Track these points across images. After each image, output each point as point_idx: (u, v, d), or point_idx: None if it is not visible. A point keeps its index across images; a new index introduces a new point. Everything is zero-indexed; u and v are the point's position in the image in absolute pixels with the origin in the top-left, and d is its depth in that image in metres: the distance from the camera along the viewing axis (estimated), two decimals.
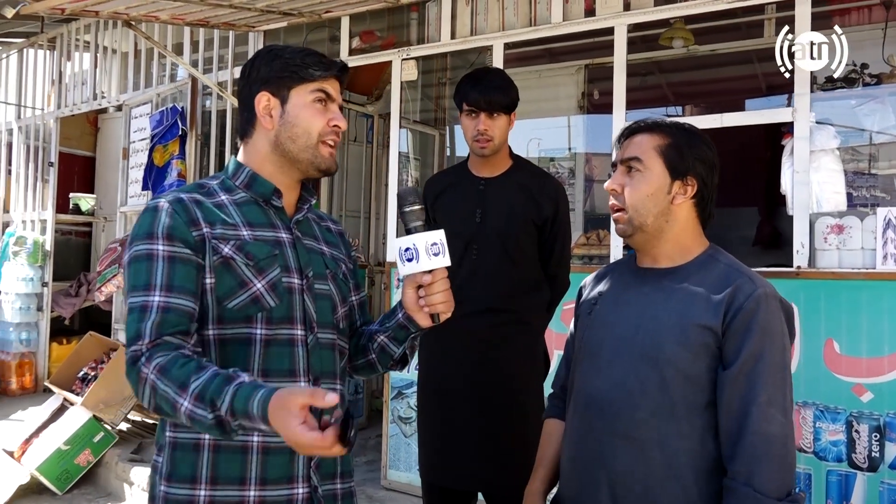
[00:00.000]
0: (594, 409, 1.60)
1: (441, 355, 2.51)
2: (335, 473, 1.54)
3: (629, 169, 1.61)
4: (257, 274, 1.44)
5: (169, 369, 1.30)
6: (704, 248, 1.64)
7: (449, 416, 2.46)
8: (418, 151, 6.47)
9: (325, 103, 1.51)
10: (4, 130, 7.44)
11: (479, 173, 2.51)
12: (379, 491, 4.15)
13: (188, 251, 1.41)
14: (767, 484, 1.42)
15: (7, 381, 6.44)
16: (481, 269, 2.43)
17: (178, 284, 1.39)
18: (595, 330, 1.67)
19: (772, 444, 1.44)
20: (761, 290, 1.51)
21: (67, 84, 6.86)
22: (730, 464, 1.47)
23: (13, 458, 4.60)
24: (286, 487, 1.45)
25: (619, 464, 1.54)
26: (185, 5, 3.87)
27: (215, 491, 1.41)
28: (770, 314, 1.50)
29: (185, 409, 1.26)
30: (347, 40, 4.58)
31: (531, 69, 5.75)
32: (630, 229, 1.61)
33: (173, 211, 1.42)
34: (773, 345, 1.49)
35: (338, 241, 1.68)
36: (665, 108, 5.79)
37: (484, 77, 2.48)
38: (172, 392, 1.28)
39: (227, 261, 1.43)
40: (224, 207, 1.49)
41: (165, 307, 1.36)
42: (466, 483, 2.47)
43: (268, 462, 1.43)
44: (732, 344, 1.49)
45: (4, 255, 6.64)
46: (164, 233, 1.40)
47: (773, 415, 1.45)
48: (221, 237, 1.44)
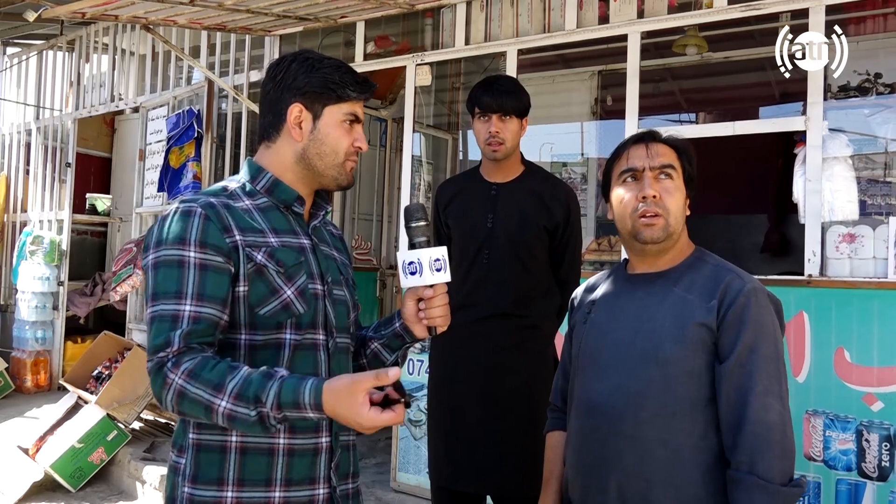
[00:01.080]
0: (597, 413, 1.62)
1: (452, 359, 2.54)
2: (349, 474, 1.57)
3: (663, 176, 1.63)
4: (287, 281, 1.46)
5: (199, 373, 1.32)
6: (692, 250, 1.70)
7: (459, 419, 2.49)
8: (431, 155, 6.51)
9: (353, 124, 1.54)
10: (23, 131, 7.54)
11: (491, 178, 2.54)
12: (388, 493, 4.17)
13: (220, 259, 1.41)
14: (770, 471, 1.45)
15: (22, 378, 6.53)
16: (492, 273, 2.45)
17: (210, 294, 1.39)
18: (592, 337, 1.70)
19: (771, 431, 1.48)
20: (750, 286, 1.56)
21: (85, 86, 6.97)
22: (732, 454, 1.50)
23: (28, 456, 4.66)
24: (308, 488, 1.48)
25: (625, 465, 1.56)
26: (203, 10, 3.92)
27: (242, 492, 1.42)
28: (760, 307, 1.55)
29: (223, 408, 1.30)
30: (362, 45, 4.61)
31: (545, 75, 5.78)
32: (664, 235, 1.62)
33: (207, 217, 1.42)
34: (766, 336, 1.54)
35: (341, 245, 1.71)
36: (678, 115, 5.79)
37: (495, 82, 2.51)
38: (206, 394, 1.30)
39: (260, 268, 1.44)
40: (250, 213, 1.49)
41: (196, 318, 1.37)
42: (476, 486, 2.48)
43: (293, 464, 1.46)
44: (727, 338, 1.53)
45: (21, 254, 6.73)
46: (198, 239, 1.40)
47: (770, 403, 1.49)
48: (254, 244, 1.44)
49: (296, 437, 1.45)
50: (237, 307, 1.43)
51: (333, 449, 1.51)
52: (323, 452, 1.49)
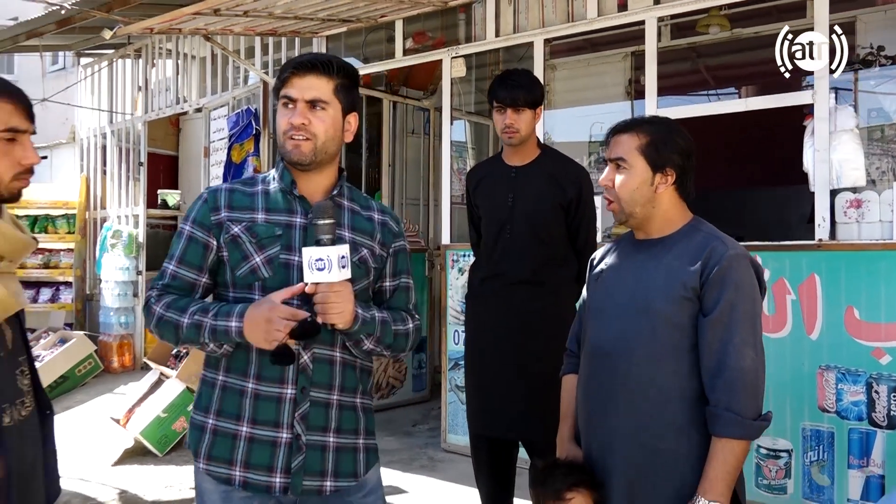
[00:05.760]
0: (599, 357, 1.92)
1: (482, 322, 2.89)
2: (326, 427, 1.75)
3: (617, 167, 1.91)
4: (258, 250, 1.73)
5: (172, 304, 1.71)
6: (688, 220, 1.94)
7: (490, 375, 2.83)
8: (474, 141, 6.81)
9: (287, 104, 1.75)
10: (99, 135, 8.11)
11: (511, 162, 2.86)
12: (439, 452, 4.56)
13: (202, 233, 1.76)
14: (744, 408, 1.72)
15: (109, 360, 7.16)
16: (513, 246, 2.78)
17: (188, 259, 1.76)
18: (600, 293, 2.00)
19: (746, 375, 1.73)
20: (732, 252, 1.80)
21: (153, 90, 7.46)
22: (711, 394, 1.76)
23: (120, 425, 5.20)
24: (272, 430, 1.71)
25: (621, 401, 1.85)
26: (256, 19, 4.32)
27: (219, 421, 1.74)
28: (741, 271, 1.79)
29: (185, 324, 1.68)
30: (402, 41, 4.95)
31: (580, 58, 5.98)
32: (623, 216, 1.92)
33: (205, 200, 1.78)
34: (745, 296, 1.78)
35: (371, 228, 1.84)
36: (706, 92, 5.93)
37: (509, 77, 2.82)
38: (175, 316, 1.69)
39: (235, 238, 1.74)
40: (255, 196, 1.79)
41: (174, 275, 1.76)
42: (505, 432, 2.82)
43: (258, 406, 1.72)
44: (710, 295, 1.78)
45: (103, 247, 7.35)
46: (193, 216, 1.78)
47: (746, 352, 1.75)
48: (237, 220, 1.75)
49: (261, 384, 1.72)
50: (223, 268, 1.77)
51: (298, 401, 1.71)
52: (286, 402, 1.71)
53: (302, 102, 1.71)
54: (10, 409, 1.64)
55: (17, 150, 1.60)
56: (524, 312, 2.78)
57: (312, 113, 1.72)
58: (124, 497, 4.35)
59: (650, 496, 1.81)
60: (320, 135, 1.72)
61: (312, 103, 1.71)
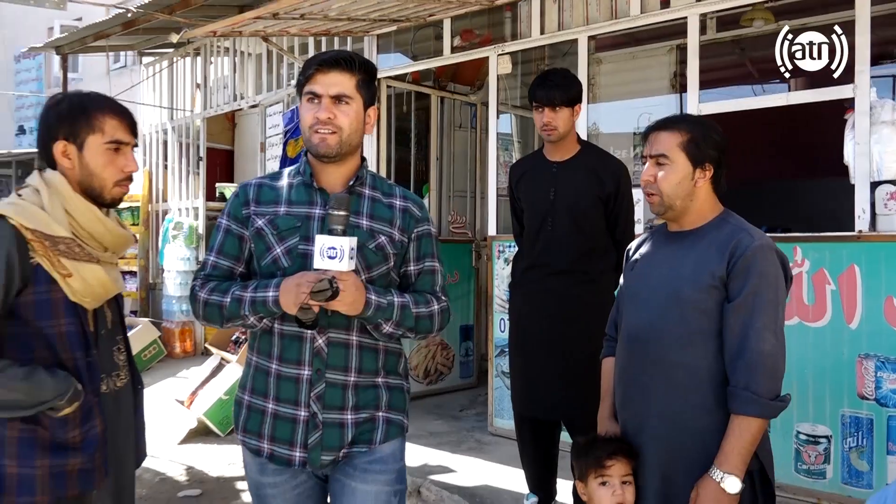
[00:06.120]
0: (633, 341, 2.06)
1: (525, 309, 3.05)
2: (344, 407, 1.84)
3: (658, 163, 2.02)
4: (279, 241, 1.83)
5: (215, 289, 1.84)
6: (718, 212, 2.05)
7: (533, 359, 3.00)
8: (520, 134, 6.94)
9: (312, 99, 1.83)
10: (160, 130, 8.48)
11: (552, 158, 3.01)
12: (486, 436, 4.74)
13: (237, 226, 1.88)
14: (761, 389, 1.83)
15: (172, 345, 7.54)
16: (555, 238, 2.94)
17: (226, 251, 1.90)
18: (635, 281, 2.14)
19: (765, 358, 1.85)
20: (758, 243, 1.92)
21: (211, 87, 7.79)
22: (732, 375, 1.87)
23: (184, 406, 5.52)
24: (292, 408, 1.83)
25: (653, 381, 1.99)
26: (311, 21, 4.53)
27: (252, 398, 1.89)
28: (766, 261, 1.91)
29: (227, 302, 1.80)
30: (450, 39, 5.10)
31: (625, 51, 6.05)
32: (662, 209, 2.04)
33: (237, 194, 1.91)
34: (768, 285, 1.90)
35: (391, 215, 1.91)
36: (751, 85, 5.93)
37: (547, 77, 2.96)
38: (217, 297, 1.82)
39: (259, 231, 1.85)
40: (280, 189, 1.89)
41: (215, 265, 1.90)
42: (547, 413, 2.99)
43: (280, 385, 1.84)
44: (735, 284, 1.89)
45: (165, 238, 7.72)
46: (228, 210, 1.91)
47: (766, 337, 1.86)
48: (261, 213, 1.86)
49: (282, 365, 1.84)
50: (253, 260, 1.89)
51: (314, 381, 1.82)
52: (303, 382, 1.82)
53: (327, 98, 1.79)
54: (108, 379, 1.93)
55: (121, 159, 1.90)
56: (565, 300, 2.94)
57: (337, 108, 1.80)
58: (191, 472, 4.65)
59: (680, 470, 1.93)
60: (345, 128, 1.80)
61: (337, 98, 1.79)
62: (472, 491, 3.72)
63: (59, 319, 1.81)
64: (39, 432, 1.79)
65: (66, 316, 1.81)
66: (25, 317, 1.78)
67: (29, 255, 1.77)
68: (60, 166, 1.87)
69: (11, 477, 1.76)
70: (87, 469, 1.83)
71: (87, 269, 1.83)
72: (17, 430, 1.78)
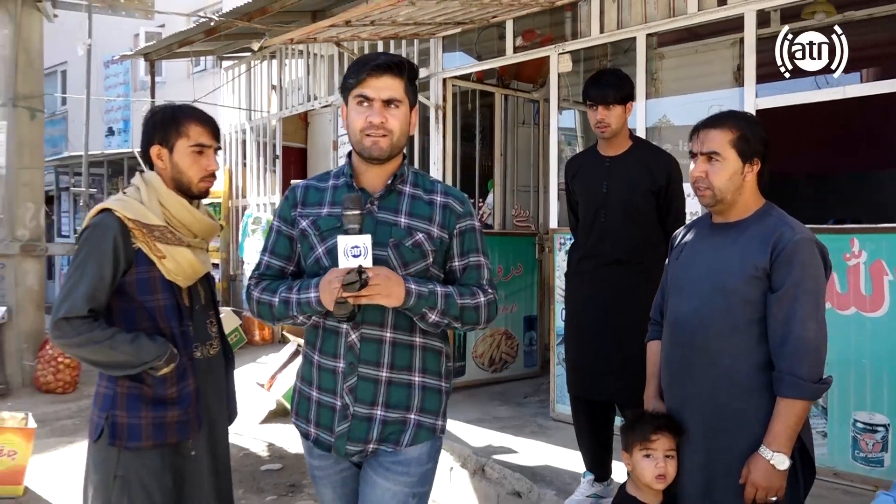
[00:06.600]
0: (679, 329, 2.20)
1: (580, 298, 3.24)
2: (374, 402, 1.90)
3: (710, 160, 2.10)
4: (321, 241, 1.90)
5: (266, 288, 1.94)
6: (761, 204, 2.15)
7: (586, 343, 3.18)
8: (584, 129, 7.06)
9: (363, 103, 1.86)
10: (239, 130, 8.94)
11: (606, 153, 3.18)
12: (548, 421, 4.92)
13: (287, 227, 1.97)
14: (805, 373, 1.95)
15: (252, 333, 7.98)
16: (608, 230, 3.11)
17: (277, 251, 1.99)
18: (680, 270, 2.26)
19: (808, 344, 1.96)
20: (800, 236, 2.01)
21: (286, 89, 8.18)
22: (777, 361, 2.00)
23: (264, 389, 5.90)
24: (331, 397, 1.94)
25: (698, 366, 2.12)
26: (380, 27, 4.80)
27: (302, 385, 2.03)
28: (807, 253, 2.01)
29: (275, 303, 1.89)
30: (512, 39, 5.28)
31: (688, 46, 6.09)
32: (713, 203, 2.13)
33: (286, 198, 2.00)
34: (809, 275, 2.01)
35: (430, 212, 1.93)
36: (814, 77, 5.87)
37: (601, 77, 3.13)
38: (268, 297, 1.91)
39: (304, 232, 1.93)
40: (325, 191, 1.96)
41: (268, 265, 2.00)
42: (601, 394, 3.17)
43: (321, 375, 1.95)
44: (778, 275, 2.00)
45: (245, 232, 8.16)
46: (279, 213, 2.01)
47: (809, 325, 1.97)
48: (306, 215, 1.93)
49: (323, 357, 1.93)
50: (301, 260, 1.97)
51: (346, 374, 1.90)
52: (339, 374, 1.91)
53: (378, 102, 1.82)
54: (201, 347, 2.29)
55: (203, 159, 2.24)
56: (617, 289, 3.10)
57: (388, 111, 1.83)
58: (271, 449, 5.01)
59: (724, 450, 2.07)
60: (396, 131, 1.85)
61: (388, 102, 1.83)
62: (532, 470, 3.92)
63: (157, 295, 2.18)
64: (144, 389, 2.15)
65: (162, 291, 2.18)
66: (131, 293, 2.16)
67: (131, 241, 2.14)
68: (156, 167, 2.24)
69: (122, 426, 2.14)
70: (182, 421, 2.19)
71: (177, 252, 2.18)
72: (127, 388, 2.16)
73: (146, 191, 2.20)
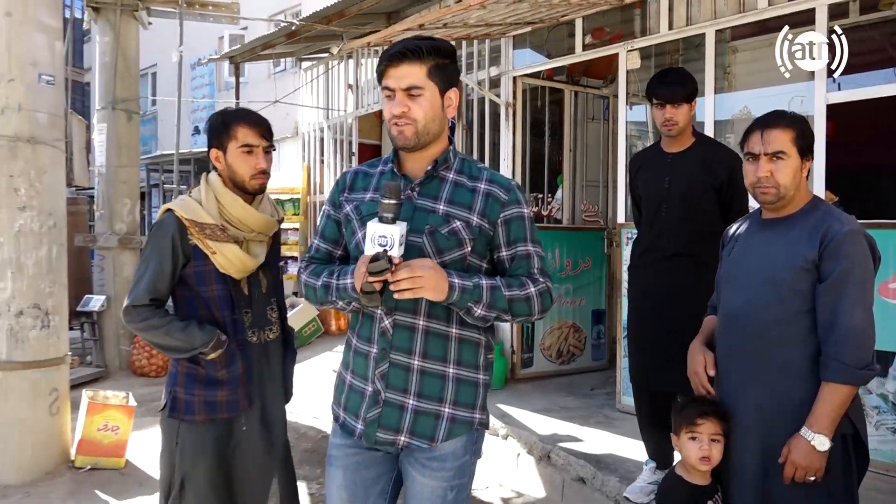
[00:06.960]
0: (732, 320, 2.28)
1: (642, 290, 3.34)
2: (406, 390, 1.87)
3: (774, 159, 2.15)
4: (361, 226, 1.87)
5: (312, 271, 1.95)
6: (809, 199, 2.24)
7: (648, 334, 3.27)
8: (654, 124, 7.04)
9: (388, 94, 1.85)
10: (317, 129, 9.27)
11: (668, 150, 3.27)
12: (614, 412, 5.02)
13: (335, 211, 1.99)
14: (850, 359, 2.02)
15: (328, 323, 8.33)
16: (668, 224, 3.19)
17: (326, 235, 2.01)
18: (732, 264, 2.35)
19: (854, 331, 2.03)
20: (847, 228, 2.09)
21: (362, 88, 8.45)
22: (825, 347, 2.07)
23: None
24: (363, 382, 1.92)
25: (752, 356, 2.21)
26: (453, 29, 4.97)
27: (342, 369, 2.01)
28: (854, 244, 2.08)
29: (318, 287, 1.91)
30: (581, 37, 5.37)
31: (762, 38, 6.01)
32: (776, 199, 2.18)
33: (337, 183, 2.02)
34: (857, 266, 2.08)
35: (471, 200, 1.88)
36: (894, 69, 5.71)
37: (667, 76, 3.21)
38: (313, 280, 1.93)
39: (347, 216, 1.95)
40: (372, 177, 1.97)
41: (317, 248, 2.02)
42: (662, 386, 3.25)
43: (356, 359, 1.94)
44: (826, 266, 2.08)
45: None
46: (330, 197, 2.02)
47: (856, 313, 2.04)
48: (351, 200, 1.95)
49: (359, 341, 1.93)
50: (346, 243, 1.98)
51: (378, 360, 1.88)
52: (371, 359, 1.89)
53: (399, 92, 1.80)
54: (259, 332, 2.53)
55: (252, 158, 2.47)
56: (675, 282, 3.18)
57: (410, 100, 1.80)
58: None
59: (777, 434, 2.15)
60: (420, 119, 1.81)
61: (409, 90, 1.80)
62: (597, 458, 4.04)
63: (212, 286, 2.44)
64: (198, 371, 2.44)
65: (216, 283, 2.44)
66: (190, 284, 2.44)
67: (188, 237, 2.41)
68: (215, 168, 2.50)
69: (181, 401, 2.44)
70: (231, 400, 2.46)
71: (226, 248, 2.42)
72: (185, 368, 2.45)
73: (205, 190, 2.45)
